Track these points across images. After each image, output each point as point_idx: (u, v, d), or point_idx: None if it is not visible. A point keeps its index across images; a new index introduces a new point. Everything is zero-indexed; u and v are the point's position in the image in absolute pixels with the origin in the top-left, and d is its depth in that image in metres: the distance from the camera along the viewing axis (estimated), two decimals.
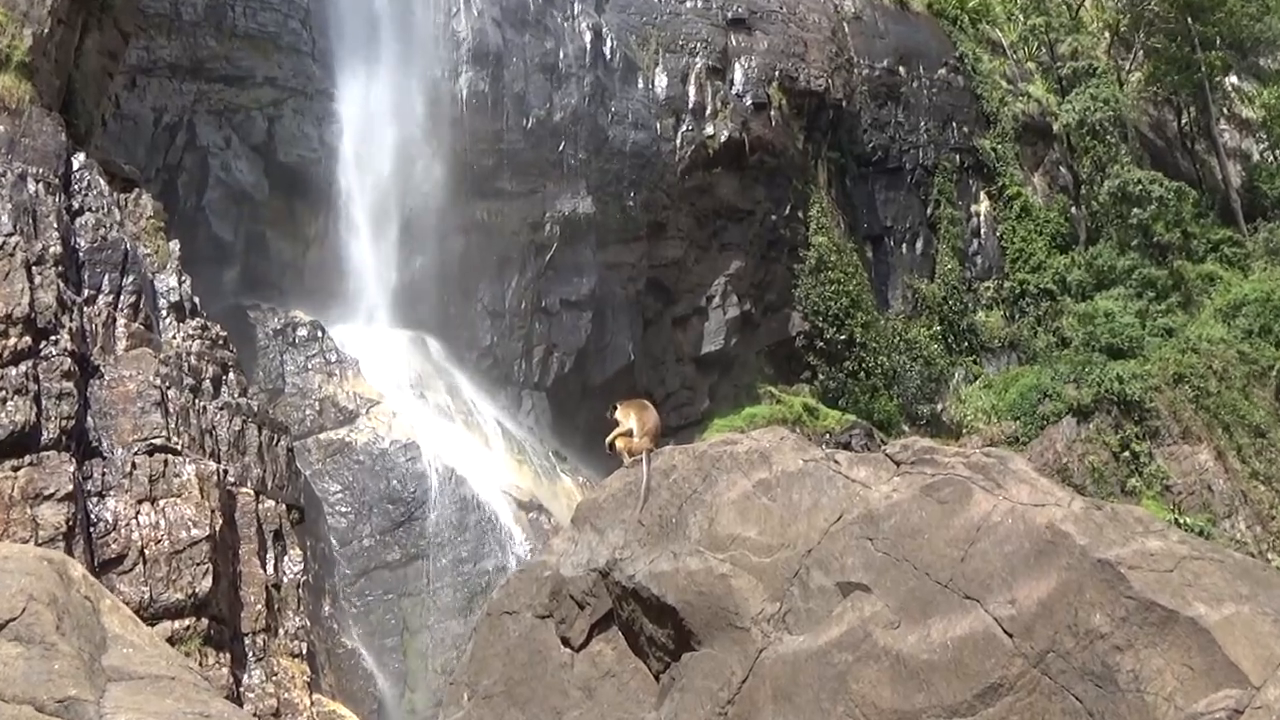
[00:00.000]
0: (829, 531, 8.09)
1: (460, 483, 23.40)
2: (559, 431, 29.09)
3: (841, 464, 8.58)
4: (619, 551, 8.93)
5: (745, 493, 8.56)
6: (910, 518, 7.90)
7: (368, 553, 22.08)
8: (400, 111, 28.84)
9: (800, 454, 8.75)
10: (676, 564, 8.45)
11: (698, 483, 8.82)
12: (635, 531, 8.97)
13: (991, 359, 40.83)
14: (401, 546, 22.32)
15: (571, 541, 9.55)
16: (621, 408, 9.79)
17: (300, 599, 17.24)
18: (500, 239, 30.02)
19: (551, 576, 9.38)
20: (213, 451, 17.50)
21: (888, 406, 36.16)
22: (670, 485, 9.00)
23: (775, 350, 36.03)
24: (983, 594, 7.46)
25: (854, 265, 37.28)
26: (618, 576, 8.82)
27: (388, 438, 23.65)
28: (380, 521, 22.55)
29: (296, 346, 25.19)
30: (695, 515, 8.66)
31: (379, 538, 22.28)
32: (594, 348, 30.91)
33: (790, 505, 8.36)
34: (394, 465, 23.26)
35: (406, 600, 21.58)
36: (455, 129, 29.45)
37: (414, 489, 22.97)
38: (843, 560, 7.93)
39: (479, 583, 21.88)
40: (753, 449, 8.89)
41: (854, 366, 36.02)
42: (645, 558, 8.73)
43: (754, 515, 8.44)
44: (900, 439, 9.59)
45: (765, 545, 8.24)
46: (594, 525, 9.41)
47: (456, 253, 29.31)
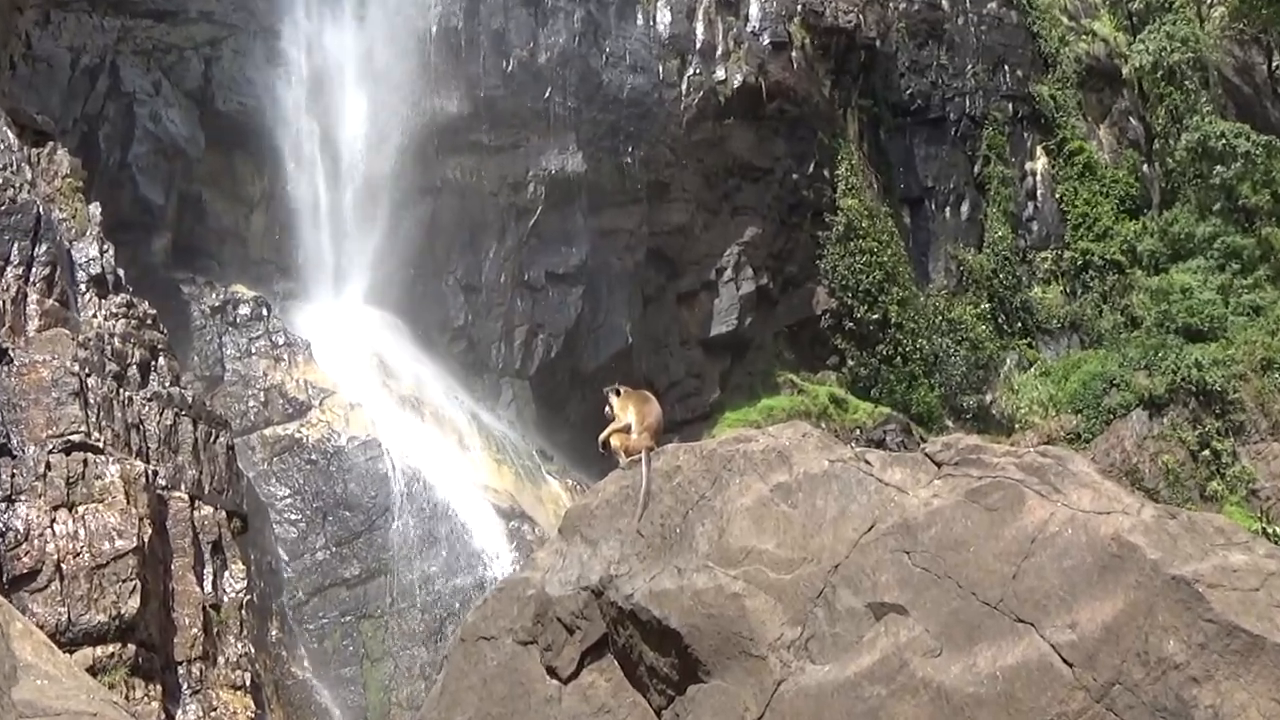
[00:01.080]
0: (859, 544, 8.09)
1: (429, 487, 23.55)
2: (544, 426, 29.21)
3: (874, 465, 8.52)
4: (614, 567, 8.91)
5: (761, 498, 8.52)
6: (953, 528, 7.89)
7: (321, 568, 22.22)
8: (358, 52, 28.78)
9: (825, 453, 8.71)
10: (681, 581, 8.41)
11: (706, 487, 8.81)
12: (633, 543, 8.96)
13: (1049, 342, 40.91)
14: (361, 560, 22.46)
15: (559, 555, 9.53)
16: (618, 399, 9.86)
17: (243, 621, 17.29)
18: (476, 201, 30.06)
19: (535, 596, 9.34)
20: (140, 449, 17.53)
21: (928, 398, 36.31)
22: (674, 490, 8.96)
23: (797, 332, 36.14)
24: (1038, 617, 7.47)
25: (889, 232, 37.33)
26: (613, 596, 8.77)
27: (344, 434, 23.79)
28: (336, 531, 22.66)
29: (238, 327, 25.25)
30: (703, 525, 8.65)
31: (334, 550, 22.41)
32: (585, 329, 30.98)
33: (814, 513, 8.33)
34: (352, 466, 23.38)
35: (367, 623, 21.72)
36: (423, 73, 29.43)
37: (375, 494, 23.11)
38: (875, 577, 7.93)
39: (451, 603, 21.99)
40: (770, 447, 8.82)
41: (889, 351, 36.13)
42: (645, 574, 8.69)
43: (771, 525, 8.41)
44: (942, 436, 9.61)
45: (785, 560, 8.22)
46: (585, 536, 9.38)
47: (425, 218, 29.37)
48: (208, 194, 27.09)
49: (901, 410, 35.02)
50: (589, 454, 22.66)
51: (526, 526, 23.87)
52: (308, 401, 24.32)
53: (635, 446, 9.46)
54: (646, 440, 9.46)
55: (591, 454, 16.64)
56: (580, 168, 31.12)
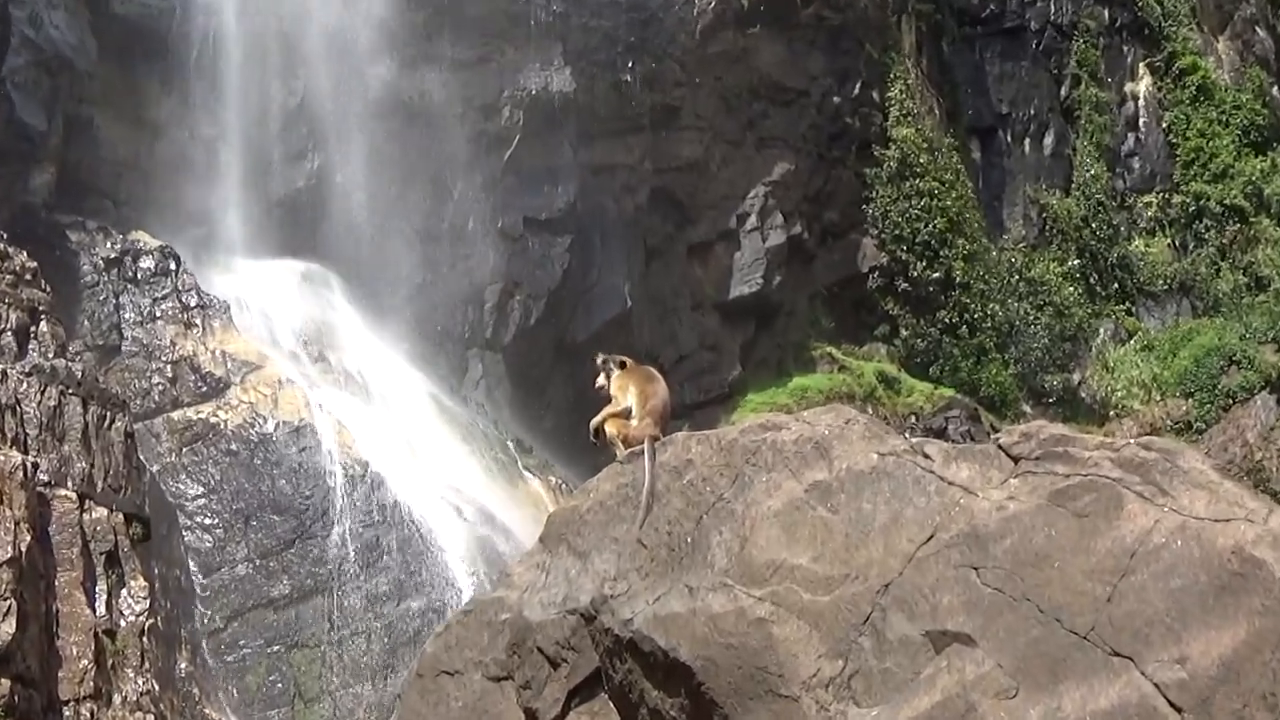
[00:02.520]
0: (915, 558, 8.08)
1: (377, 485, 23.47)
2: (522, 410, 29.14)
3: (934, 460, 8.50)
4: (610, 585, 8.87)
5: (794, 501, 8.47)
6: (1033, 538, 7.87)
7: (243, 585, 22.07)
8: None
9: (873, 445, 8.66)
10: (693, 603, 8.38)
11: (724, 486, 8.77)
12: (633, 556, 8.90)
13: (1153, 308, 40.95)
14: (292, 576, 22.33)
15: (540, 570, 9.49)
16: (617, 374, 9.88)
17: (144, 651, 17.15)
18: (437, 129, 29.97)
19: (511, 621, 9.30)
20: (16, 436, 17.51)
21: (1001, 376, 36.29)
22: (684, 489, 8.91)
23: (838, 294, 35.96)
24: (1138, 649, 7.42)
25: (953, 170, 37.25)
26: (608, 621, 8.73)
27: (272, 418, 23.64)
28: (261, 540, 22.54)
29: (139, 284, 25.24)
30: (721, 533, 8.61)
31: (259, 563, 22.28)
32: (573, 289, 30.90)
33: (859, 519, 8.31)
34: (281, 458, 23.27)
35: (299, 654, 21.58)
36: None
37: (310, 494, 23.01)
38: (935, 599, 7.93)
39: (404, 629, 21.90)
40: (805, 437, 8.76)
41: (952, 318, 36.09)
42: (648, 594, 8.65)
43: (806, 533, 8.37)
44: (1019, 424, 9.61)
45: (823, 577, 8.20)
46: (573, 547, 9.34)
47: (373, 149, 29.24)
48: (101, 118, 26.98)
49: (968, 392, 35.12)
50: (577, 444, 22.61)
51: (499, 535, 23.79)
52: (226, 378, 24.19)
53: (636, 435, 9.44)
54: (650, 428, 9.45)
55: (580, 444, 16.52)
56: (568, 87, 31.07)
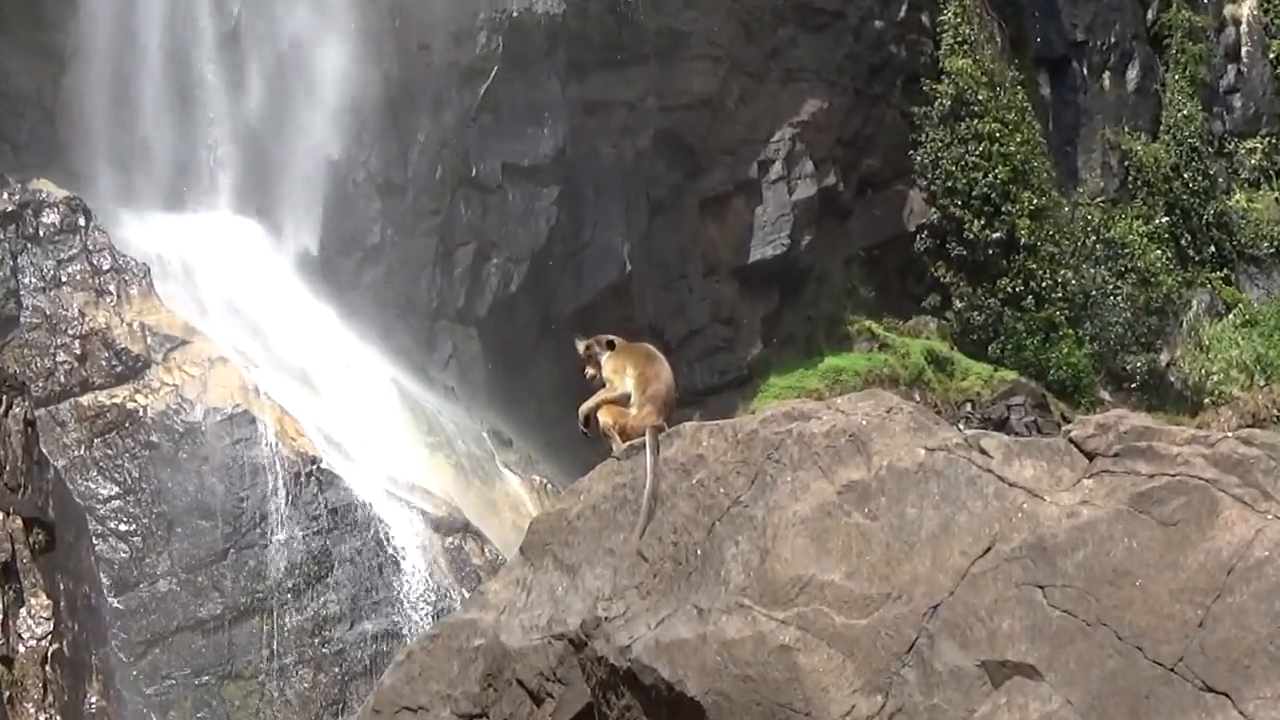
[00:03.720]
0: (969, 573, 8.03)
1: (327, 485, 23.38)
2: (500, 395, 28.99)
3: (993, 456, 8.40)
4: (604, 605, 8.88)
5: (825, 505, 8.43)
6: (1111, 551, 7.82)
7: (166, 604, 22.00)
8: None
9: (921, 438, 8.61)
10: (703, 627, 8.38)
11: (742, 487, 8.76)
12: (632, 570, 8.92)
13: (1257, 275, 40.97)
14: (225, 594, 22.25)
15: (520, 587, 9.51)
16: (610, 355, 9.88)
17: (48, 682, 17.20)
18: (398, 59, 29.86)
19: (486, 648, 9.32)
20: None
21: (1073, 356, 36.22)
22: (694, 491, 8.89)
23: (879, 257, 36.00)
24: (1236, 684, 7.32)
25: (1018, 110, 37.14)
26: (601, 648, 8.74)
27: (201, 404, 23.56)
28: (188, 550, 22.47)
29: (41, 243, 25.16)
30: (737, 543, 8.61)
31: (185, 578, 22.18)
32: (562, 250, 30.86)
33: (902, 528, 8.27)
34: (212, 452, 23.18)
35: (233, 686, 21.46)
36: None
37: (246, 494, 22.92)
38: (993, 623, 7.87)
39: (358, 657, 21.77)
40: (838, 429, 8.71)
41: (1016, 287, 36.05)
42: (649, 616, 8.69)
43: (839, 544, 8.34)
44: (1095, 414, 9.54)
45: (859, 597, 8.18)
46: (561, 559, 9.36)
47: (322, 82, 29.15)
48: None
49: (1034, 375, 35.03)
50: (565, 437, 22.88)
51: (472, 544, 23.70)
52: (146, 355, 24.00)
53: (636, 425, 9.43)
54: (652, 417, 9.46)
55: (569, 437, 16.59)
56: (556, 9, 30.97)
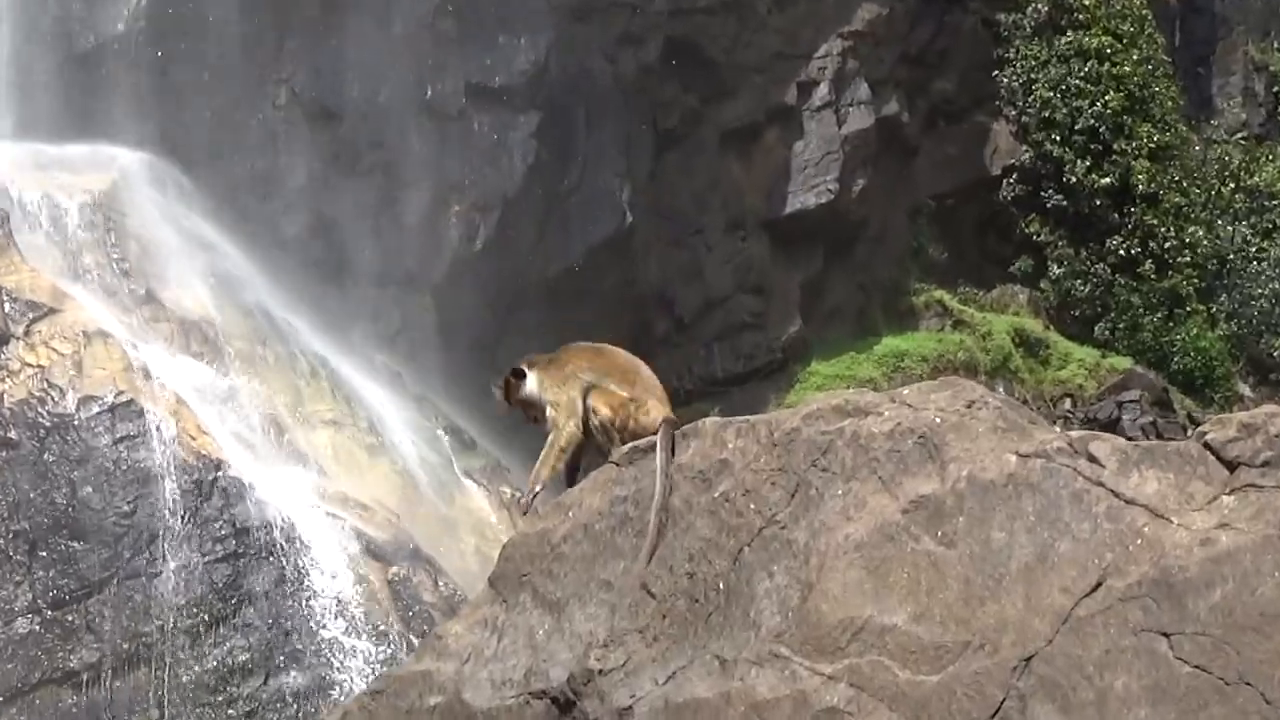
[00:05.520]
0: (1073, 616, 7.90)
1: (236, 495, 22.71)
2: (461, 385, 27.84)
3: (1105, 465, 8.22)
4: (598, 654, 8.78)
5: (886, 526, 8.35)
6: (1259, 589, 7.77)
7: (26, 649, 21.57)
8: None
9: (1012, 441, 8.46)
10: (727, 684, 8.28)
11: (779, 502, 8.65)
12: (635, 609, 8.85)
13: None
14: (101, 637, 21.74)
15: (489, 629, 9.42)
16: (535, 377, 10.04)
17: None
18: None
19: (444, 708, 9.23)
20: None
21: (1204, 339, 35.21)
22: (716, 507, 8.80)
23: (954, 209, 35.10)
24: None
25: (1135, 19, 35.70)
26: (594, 710, 8.66)
27: (73, 391, 22.91)
28: (55, 580, 22.02)
29: None
30: (772, 574, 8.52)
31: (52, 616, 21.73)
32: (542, 196, 30.06)
33: (987, 557, 8.16)
34: (88, 454, 22.58)
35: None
36: None
37: (132, 508, 22.27)
38: (1103, 681, 7.76)
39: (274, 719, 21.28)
40: (904, 429, 8.60)
41: (1131, 248, 34.95)
42: (657, 669, 8.60)
43: (905, 578, 8.26)
44: (1234, 411, 9.01)
45: (929, 646, 8.07)
46: (541, 594, 9.32)
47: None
48: None
49: (1154, 363, 34.23)
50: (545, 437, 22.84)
51: (423, 575, 23.37)
52: (3, 328, 23.36)
53: (641, 423, 9.37)
54: (661, 408, 9.42)
55: None
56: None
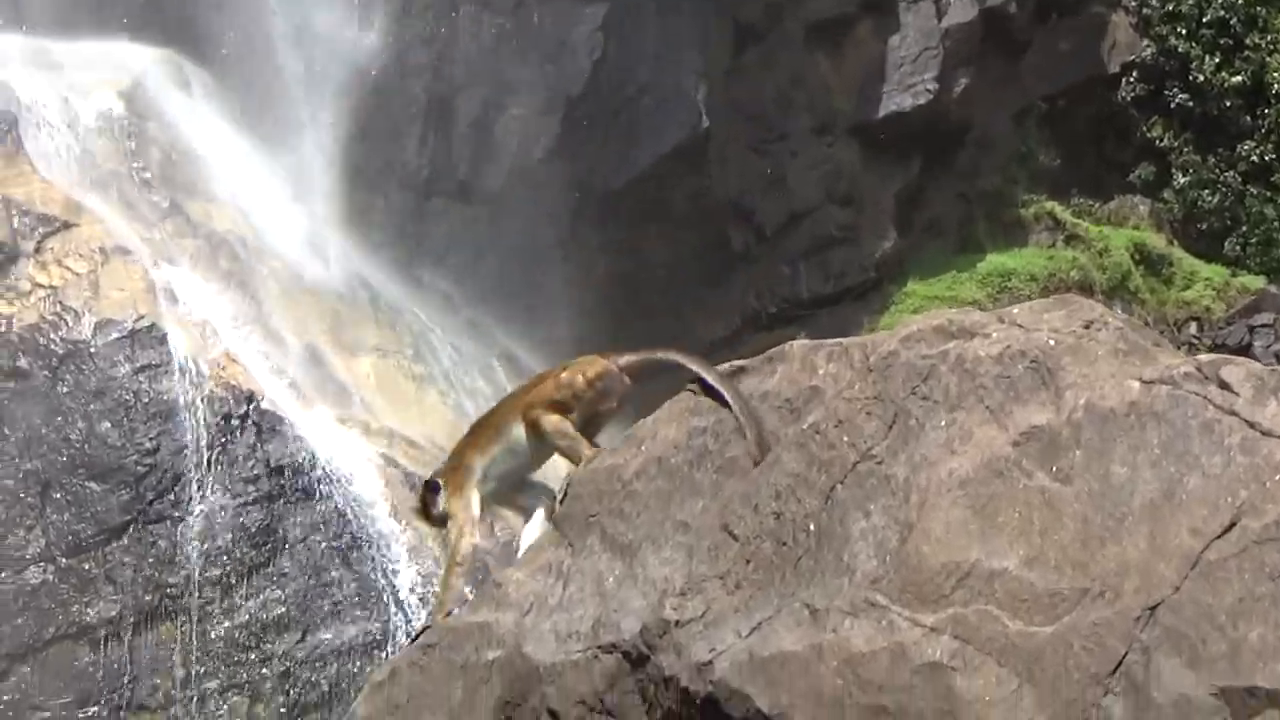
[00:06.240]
0: (1203, 560, 7.51)
1: (270, 430, 22.09)
2: (519, 308, 27.54)
3: (1238, 393, 7.86)
4: (674, 603, 8.37)
5: (995, 460, 7.90)
6: None
7: (38, 601, 21.01)
8: None
9: (1135, 366, 8.11)
10: (819, 636, 7.87)
11: (875, 434, 8.24)
12: (716, 553, 8.43)
13: None
14: (122, 587, 21.15)
15: (553, 576, 9.09)
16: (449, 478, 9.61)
17: None
18: None
19: (503, 663, 8.89)
20: None
21: None
22: (805, 439, 8.38)
23: (1066, 110, 34.19)
24: None
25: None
26: (670, 664, 8.20)
27: (90, 315, 22.29)
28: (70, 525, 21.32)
29: None
30: (868, 514, 8.06)
31: (67, 565, 21.04)
32: (608, 98, 29.06)
33: (1107, 494, 7.69)
34: (105, 385, 21.91)
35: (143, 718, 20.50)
36: None
37: (154, 445, 21.63)
38: (1237, 631, 7.40)
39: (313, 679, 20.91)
40: (1015, 352, 8.21)
41: (1266, 154, 33.93)
42: (740, 619, 8.17)
43: (1015, 517, 7.80)
44: None
45: (1043, 593, 7.68)
46: (611, 537, 8.94)
47: None
48: None
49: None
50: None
51: None
52: (12, 244, 22.86)
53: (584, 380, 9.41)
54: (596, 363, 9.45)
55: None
56: None
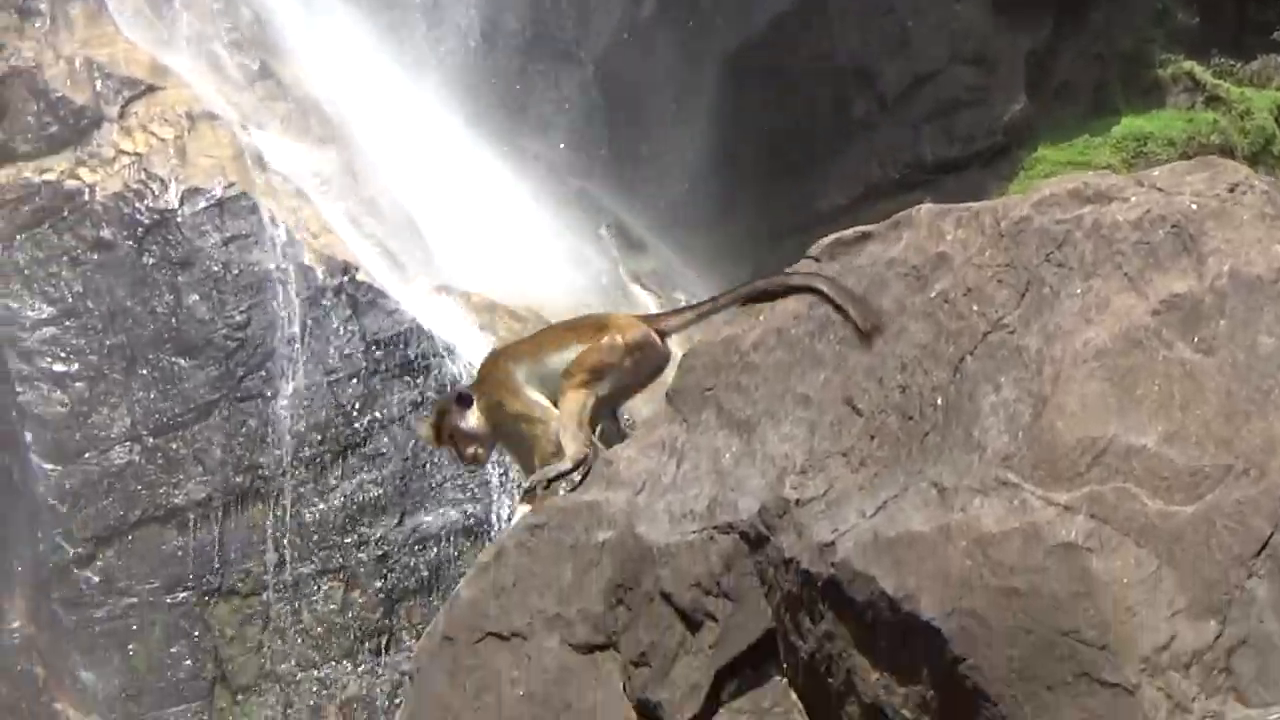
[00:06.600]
0: None
1: (367, 304, 21.81)
2: (627, 173, 27.32)
3: None
4: (794, 481, 8.05)
5: (1133, 330, 7.70)
6: None
7: (124, 482, 20.84)
8: None
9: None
10: (947, 516, 7.58)
11: (1007, 302, 8.03)
12: (839, 428, 8.16)
13: None
14: (211, 469, 21.14)
15: (667, 454, 8.77)
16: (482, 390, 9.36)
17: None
18: None
19: (615, 544, 8.66)
20: None
21: None
22: (933, 308, 8.20)
23: None
24: None
25: None
26: (790, 546, 7.94)
27: (176, 183, 21.76)
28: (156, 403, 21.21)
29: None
30: (999, 387, 7.84)
31: (153, 445, 20.83)
32: None
33: (1253, 366, 7.59)
34: (192, 256, 21.55)
35: (224, 607, 20.55)
36: None
37: (244, 318, 21.44)
38: None
39: (409, 565, 20.69)
40: (1154, 216, 7.98)
41: None
42: (864, 499, 7.90)
43: (1155, 391, 7.58)
44: None
45: (1183, 470, 7.39)
46: (728, 412, 8.63)
47: None
48: None
49: None
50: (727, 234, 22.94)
51: None
52: (95, 109, 22.20)
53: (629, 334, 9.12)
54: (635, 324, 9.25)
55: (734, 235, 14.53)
56: None
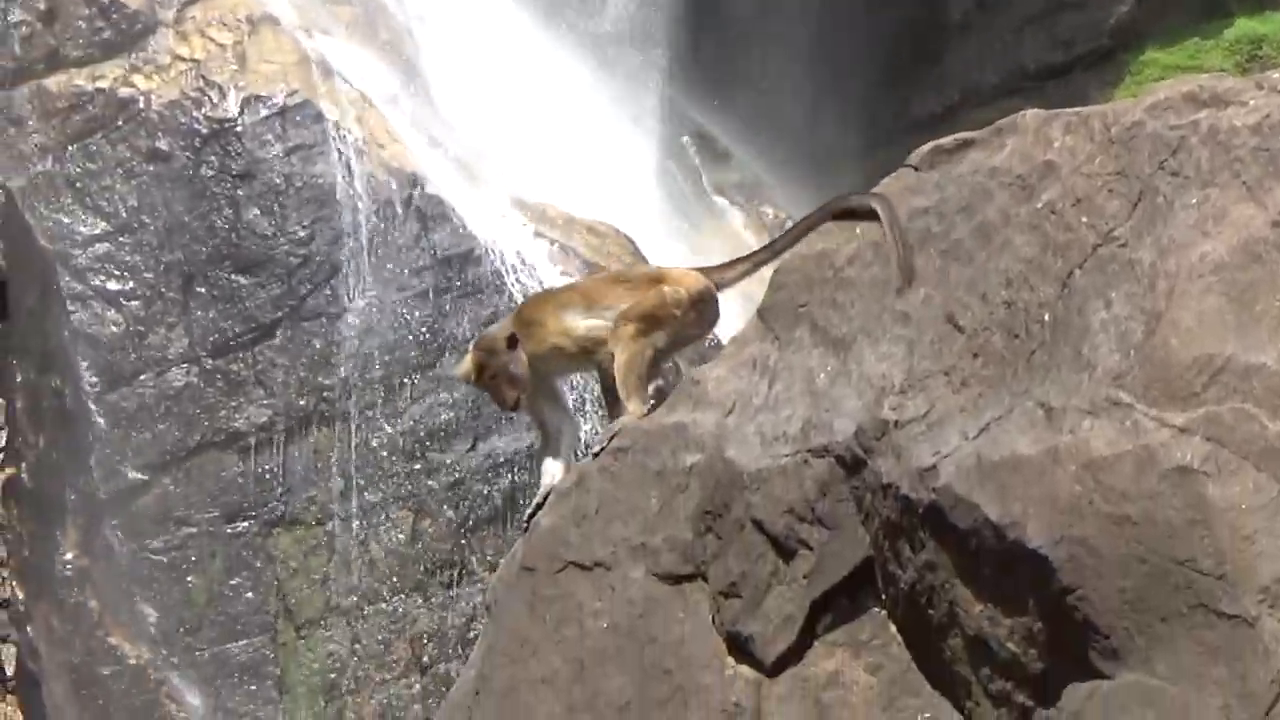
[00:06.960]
0: None
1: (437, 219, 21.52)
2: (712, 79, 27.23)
3: None
4: (893, 402, 7.99)
5: (1252, 243, 7.45)
6: None
7: (181, 405, 21.17)
8: None
9: None
10: (1055, 438, 7.40)
11: (1117, 213, 7.78)
12: (939, 346, 8.05)
13: None
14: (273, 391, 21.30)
15: (758, 373, 8.72)
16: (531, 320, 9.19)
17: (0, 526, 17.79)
18: None
19: (702, 468, 8.55)
20: None
21: None
22: (1039, 219, 7.95)
23: None
24: None
25: None
26: (889, 470, 7.84)
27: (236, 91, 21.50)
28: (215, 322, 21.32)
29: None
30: (1109, 303, 7.62)
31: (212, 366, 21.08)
32: None
33: None
34: (254, 167, 21.59)
35: (286, 537, 20.66)
36: None
37: (309, 232, 21.52)
38: None
39: (483, 493, 20.79)
40: (1272, 121, 7.65)
41: None
42: (966, 420, 7.78)
43: (1275, 305, 7.34)
44: None
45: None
46: (822, 329, 8.55)
47: None
48: None
49: None
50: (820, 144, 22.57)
51: None
52: (150, 13, 22.22)
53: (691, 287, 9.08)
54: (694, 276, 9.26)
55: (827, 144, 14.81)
56: None
